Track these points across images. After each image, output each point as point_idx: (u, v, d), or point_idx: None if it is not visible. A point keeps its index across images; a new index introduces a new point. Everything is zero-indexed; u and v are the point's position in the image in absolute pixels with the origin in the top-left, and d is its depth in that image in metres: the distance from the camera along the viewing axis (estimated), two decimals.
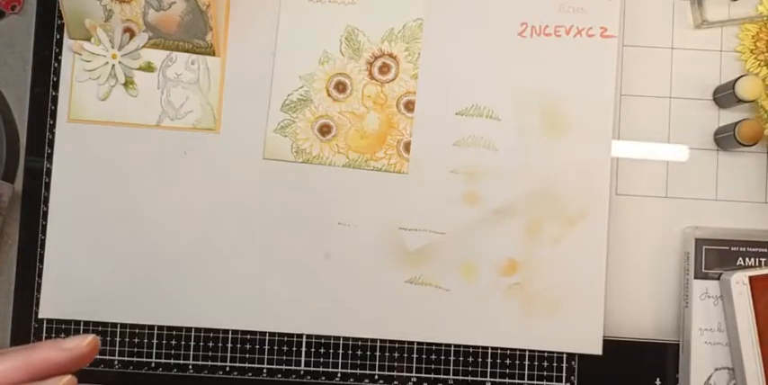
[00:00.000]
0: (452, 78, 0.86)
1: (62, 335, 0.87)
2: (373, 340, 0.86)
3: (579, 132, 0.85)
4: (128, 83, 0.85)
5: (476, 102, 0.85)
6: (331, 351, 0.87)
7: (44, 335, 0.87)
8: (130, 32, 0.84)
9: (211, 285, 0.85)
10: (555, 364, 0.86)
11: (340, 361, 0.87)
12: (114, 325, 0.87)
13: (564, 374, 0.85)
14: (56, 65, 0.87)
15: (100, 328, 0.87)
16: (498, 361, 0.86)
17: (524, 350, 0.85)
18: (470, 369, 0.86)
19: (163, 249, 0.86)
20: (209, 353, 0.85)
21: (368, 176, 0.85)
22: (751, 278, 0.81)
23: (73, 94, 0.86)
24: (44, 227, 0.87)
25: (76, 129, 0.86)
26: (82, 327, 0.87)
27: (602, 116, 0.85)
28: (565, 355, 0.86)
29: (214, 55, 0.85)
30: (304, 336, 0.86)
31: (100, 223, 0.87)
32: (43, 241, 0.88)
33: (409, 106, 0.86)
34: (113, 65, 0.85)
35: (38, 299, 0.87)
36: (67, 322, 0.87)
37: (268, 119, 0.86)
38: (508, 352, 0.86)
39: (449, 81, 0.86)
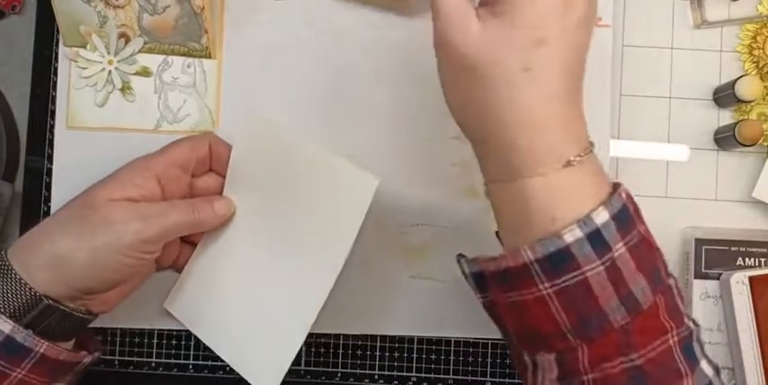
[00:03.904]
0: None
1: None
2: (373, 340, 0.87)
3: None
4: (125, 88, 0.85)
5: None
6: (331, 350, 0.87)
7: None
8: (126, 38, 0.84)
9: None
10: None
11: (340, 360, 0.87)
12: None
13: None
14: (56, 65, 0.87)
15: (100, 327, 0.87)
16: (498, 361, 0.86)
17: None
18: (470, 369, 0.87)
19: None
20: (210, 353, 0.85)
21: None
22: (751, 278, 0.81)
23: (71, 102, 0.86)
24: None
25: (75, 136, 0.86)
26: None
27: (599, 112, 0.84)
28: None
29: (210, 58, 0.85)
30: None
31: None
32: None
33: None
34: (110, 71, 0.85)
35: None
36: None
37: None
38: (508, 351, 0.86)
39: None
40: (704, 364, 0.57)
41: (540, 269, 0.55)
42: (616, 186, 0.59)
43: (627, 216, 0.57)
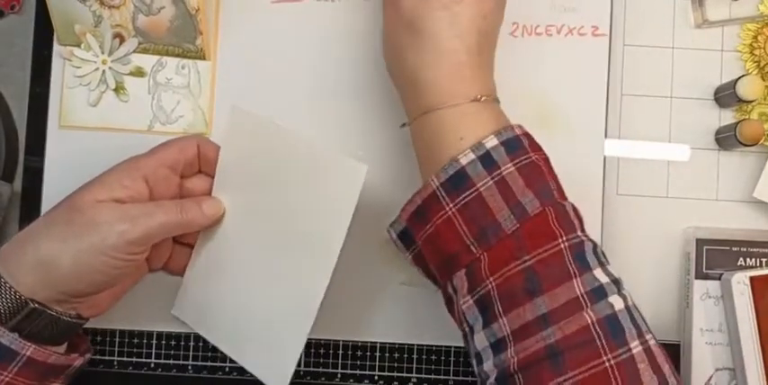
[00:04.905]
0: None
1: None
2: (373, 341, 0.86)
3: (572, 132, 0.84)
4: (118, 88, 0.85)
5: None
6: (331, 351, 0.87)
7: None
8: (120, 38, 0.84)
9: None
10: None
11: (340, 361, 0.87)
12: None
13: None
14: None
15: (99, 328, 0.87)
16: None
17: None
18: (470, 369, 0.86)
19: None
20: (209, 354, 0.85)
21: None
22: (752, 278, 0.81)
23: (64, 101, 0.86)
24: None
25: (68, 135, 0.86)
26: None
27: (595, 115, 0.85)
28: None
29: (204, 59, 0.85)
30: None
31: None
32: None
33: None
34: (104, 70, 0.85)
35: None
36: None
37: None
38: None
39: None
40: (598, 272, 0.64)
41: (444, 192, 0.66)
42: (513, 125, 0.69)
43: (517, 144, 0.67)
